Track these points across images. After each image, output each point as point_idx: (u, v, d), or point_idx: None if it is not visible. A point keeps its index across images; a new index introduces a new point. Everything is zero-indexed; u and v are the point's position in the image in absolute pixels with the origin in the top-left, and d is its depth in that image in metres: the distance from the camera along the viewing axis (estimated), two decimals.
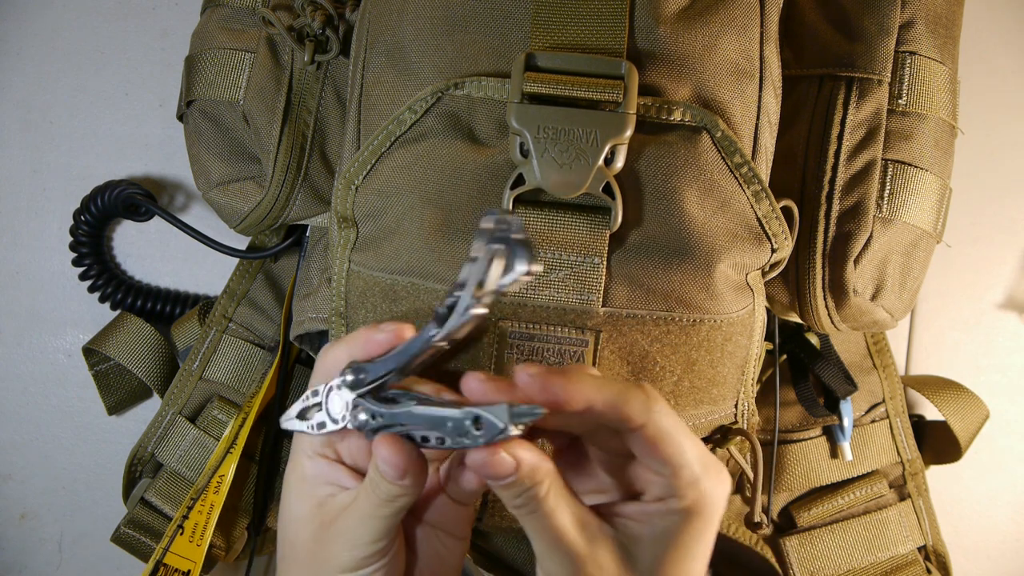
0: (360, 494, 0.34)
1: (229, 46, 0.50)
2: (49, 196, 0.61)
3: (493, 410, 0.30)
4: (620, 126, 0.37)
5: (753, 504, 0.47)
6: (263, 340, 0.58)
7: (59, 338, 0.61)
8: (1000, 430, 0.61)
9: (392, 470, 0.32)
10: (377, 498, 0.33)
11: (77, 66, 0.62)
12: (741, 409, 0.44)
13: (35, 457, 0.61)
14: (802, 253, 0.47)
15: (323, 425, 0.35)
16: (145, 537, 0.54)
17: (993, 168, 0.63)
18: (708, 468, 0.32)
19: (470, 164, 0.39)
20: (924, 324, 0.63)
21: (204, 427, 0.56)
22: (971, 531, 0.62)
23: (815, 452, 0.56)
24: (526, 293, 0.38)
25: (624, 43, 0.38)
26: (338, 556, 0.34)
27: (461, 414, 0.31)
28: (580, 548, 0.32)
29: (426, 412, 0.32)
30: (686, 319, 0.40)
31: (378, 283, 0.41)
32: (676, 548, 0.32)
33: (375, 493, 0.33)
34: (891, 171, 0.46)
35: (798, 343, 0.57)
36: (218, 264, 0.61)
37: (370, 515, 0.34)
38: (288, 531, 0.37)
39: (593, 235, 0.38)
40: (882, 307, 0.48)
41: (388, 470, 0.32)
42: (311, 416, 0.36)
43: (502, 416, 0.30)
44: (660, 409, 0.31)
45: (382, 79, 0.42)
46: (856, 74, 0.46)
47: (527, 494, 0.31)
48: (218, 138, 0.51)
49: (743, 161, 0.39)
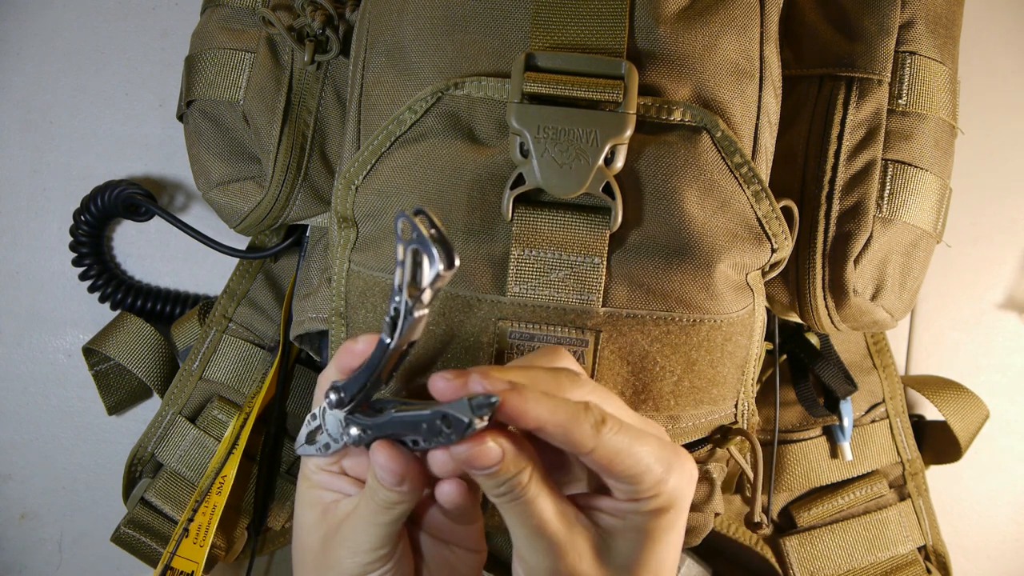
0: (360, 501, 0.35)
1: (229, 46, 0.50)
2: (49, 196, 0.61)
3: (455, 406, 0.31)
4: (620, 126, 0.37)
5: (753, 504, 0.47)
6: (263, 340, 0.58)
7: (59, 338, 0.61)
8: (1000, 430, 0.61)
9: (389, 476, 0.33)
10: (376, 505, 0.34)
11: (77, 66, 0.62)
12: (741, 409, 0.44)
13: (35, 457, 0.61)
14: (802, 253, 0.47)
15: (328, 446, 0.36)
16: (145, 537, 0.54)
17: (993, 168, 0.63)
18: (671, 464, 0.33)
19: (470, 164, 0.39)
20: (924, 324, 0.63)
21: (204, 427, 0.56)
22: (971, 531, 0.62)
23: (815, 452, 0.56)
24: (526, 293, 0.38)
25: (624, 43, 0.38)
26: (342, 562, 0.35)
27: (430, 414, 0.32)
28: (561, 536, 0.32)
29: (405, 417, 0.33)
30: (686, 319, 0.40)
31: (378, 283, 0.41)
32: (649, 540, 0.33)
33: (374, 500, 0.34)
34: (891, 171, 0.46)
35: (798, 343, 0.57)
36: (218, 264, 0.61)
37: (370, 522, 0.34)
38: (299, 538, 0.38)
39: (593, 235, 0.38)
40: (882, 307, 0.48)
41: (385, 476, 0.33)
42: (318, 439, 0.37)
43: (464, 411, 0.31)
44: (609, 429, 0.32)
45: (382, 79, 0.42)
46: (856, 74, 0.46)
47: (510, 482, 0.32)
48: (218, 138, 0.51)
49: (743, 161, 0.39)
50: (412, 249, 0.30)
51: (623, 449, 0.32)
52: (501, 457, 0.31)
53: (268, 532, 0.57)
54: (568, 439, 0.31)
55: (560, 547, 0.32)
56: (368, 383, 0.33)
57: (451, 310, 0.39)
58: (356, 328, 0.42)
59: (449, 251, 0.29)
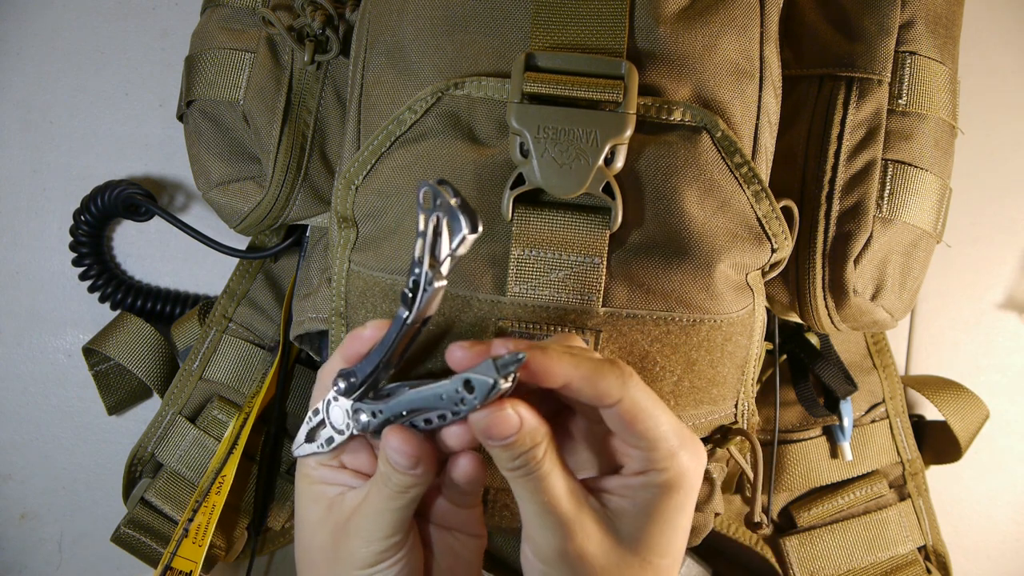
0: (371, 490, 0.35)
1: (229, 46, 0.50)
2: (49, 196, 0.61)
3: (479, 369, 0.31)
4: (620, 126, 0.37)
5: (753, 504, 0.47)
6: (263, 340, 0.58)
7: (59, 338, 0.61)
8: (1000, 430, 0.61)
9: (404, 459, 0.33)
10: (389, 491, 0.34)
11: (77, 66, 0.62)
12: (741, 409, 0.44)
13: (35, 457, 0.61)
14: (802, 253, 0.47)
15: (331, 440, 0.36)
16: (145, 537, 0.54)
17: (993, 168, 0.63)
18: (685, 441, 0.33)
19: (470, 164, 0.39)
20: (924, 324, 0.63)
21: (204, 427, 0.56)
22: (971, 531, 0.62)
23: (815, 452, 0.56)
24: (526, 293, 0.38)
25: (624, 43, 0.38)
26: (355, 553, 0.35)
27: (451, 383, 0.32)
28: (571, 515, 0.32)
29: (420, 393, 0.33)
30: (686, 319, 0.40)
31: (378, 283, 0.41)
32: (657, 521, 0.33)
33: (387, 486, 0.34)
34: (891, 171, 0.46)
35: (798, 343, 0.57)
36: (218, 264, 0.61)
37: (384, 508, 0.34)
38: (303, 537, 0.37)
39: (593, 235, 0.38)
40: (882, 307, 0.48)
41: (400, 459, 0.33)
42: (319, 436, 0.37)
43: (489, 371, 0.31)
44: (635, 384, 0.32)
45: (382, 79, 0.42)
46: (856, 74, 0.46)
47: (526, 455, 0.32)
48: (218, 138, 0.51)
49: (743, 161, 0.39)
50: (435, 216, 0.30)
51: (646, 408, 0.32)
52: (519, 426, 0.31)
53: (268, 532, 0.57)
54: (595, 390, 0.31)
55: (569, 526, 0.32)
56: (380, 364, 0.34)
57: (451, 310, 0.39)
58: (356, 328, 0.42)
59: (473, 216, 0.30)
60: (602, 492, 0.34)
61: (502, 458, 0.32)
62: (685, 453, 0.33)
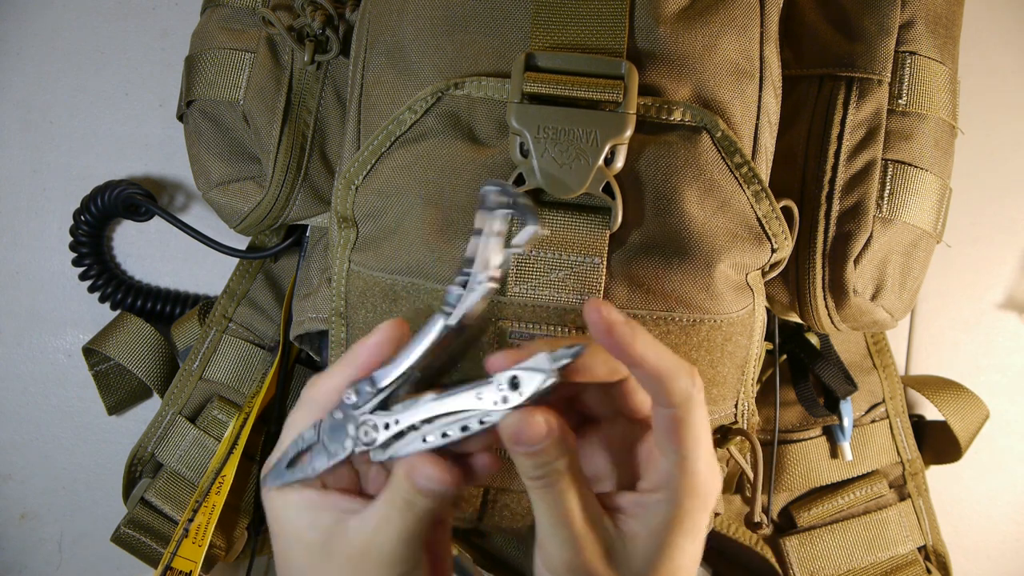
0: (389, 515, 0.33)
1: (229, 46, 0.50)
2: (49, 196, 0.61)
3: (530, 363, 0.30)
4: (620, 126, 0.37)
5: (753, 504, 0.47)
6: (263, 340, 0.58)
7: (59, 338, 0.61)
8: (1000, 430, 0.61)
9: (438, 485, 0.31)
10: (415, 516, 0.32)
11: (77, 66, 0.62)
12: (741, 409, 0.44)
13: (35, 457, 0.61)
14: (802, 253, 0.47)
15: (323, 463, 0.33)
16: (145, 537, 0.54)
17: (993, 168, 0.63)
18: (712, 468, 0.32)
19: (470, 164, 0.39)
20: (924, 324, 0.63)
21: (204, 427, 0.56)
22: (971, 531, 0.62)
23: (815, 452, 0.56)
24: (526, 293, 0.38)
25: (624, 43, 0.38)
26: None
27: (494, 380, 0.31)
28: (583, 531, 0.32)
29: (450, 398, 0.31)
30: (686, 319, 0.40)
31: (378, 283, 0.41)
32: (669, 544, 0.32)
33: (411, 512, 0.32)
34: (891, 171, 0.46)
35: (798, 343, 0.57)
36: (218, 264, 0.61)
37: (411, 535, 0.32)
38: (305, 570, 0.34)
39: (593, 235, 0.38)
40: (882, 307, 0.48)
41: (433, 485, 0.31)
42: (303, 460, 0.34)
43: (543, 363, 0.30)
44: (699, 399, 0.32)
45: (382, 79, 0.42)
46: (856, 74, 0.46)
47: (549, 465, 0.31)
48: (218, 138, 0.51)
49: (743, 161, 0.39)
50: (501, 213, 0.31)
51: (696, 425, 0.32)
52: (547, 433, 0.31)
53: (268, 532, 0.57)
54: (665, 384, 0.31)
55: (581, 542, 0.32)
56: (414, 367, 0.32)
57: None
58: (356, 328, 0.42)
59: (537, 215, 0.31)
60: (616, 512, 0.33)
61: (526, 466, 0.31)
62: (709, 479, 0.32)
